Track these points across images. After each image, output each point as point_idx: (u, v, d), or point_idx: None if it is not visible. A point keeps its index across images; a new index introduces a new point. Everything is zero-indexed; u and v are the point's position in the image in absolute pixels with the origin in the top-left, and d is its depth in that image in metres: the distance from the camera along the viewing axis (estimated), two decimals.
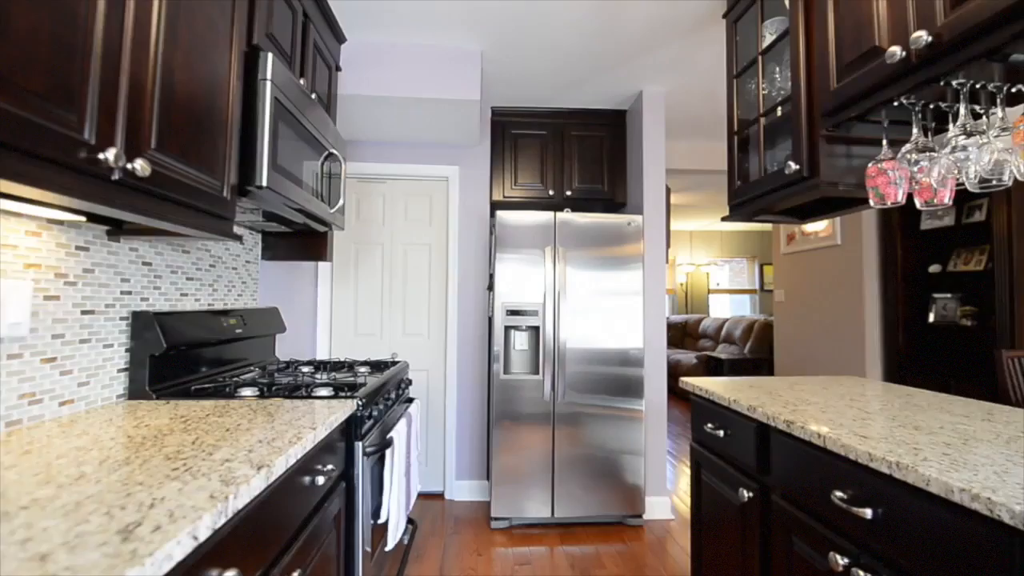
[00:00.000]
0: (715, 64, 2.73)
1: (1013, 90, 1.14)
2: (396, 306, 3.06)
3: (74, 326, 1.26)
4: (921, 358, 3.43)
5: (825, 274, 3.96)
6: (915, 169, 1.21)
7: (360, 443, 1.39)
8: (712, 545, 1.61)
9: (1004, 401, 2.50)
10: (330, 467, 1.18)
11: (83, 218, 1.19)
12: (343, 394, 1.45)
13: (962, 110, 1.11)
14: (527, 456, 2.67)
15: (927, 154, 1.18)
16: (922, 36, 1.05)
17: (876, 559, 0.95)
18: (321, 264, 2.86)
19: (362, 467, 1.39)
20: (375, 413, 1.52)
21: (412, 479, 1.85)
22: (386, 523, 1.56)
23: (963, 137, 1.10)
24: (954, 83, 1.10)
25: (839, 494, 1.02)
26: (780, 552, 1.25)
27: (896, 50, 1.11)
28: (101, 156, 0.88)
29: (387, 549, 1.56)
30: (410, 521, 2.03)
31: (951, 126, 1.15)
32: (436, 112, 2.61)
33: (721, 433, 1.54)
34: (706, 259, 8.93)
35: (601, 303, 2.75)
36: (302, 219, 1.88)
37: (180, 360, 1.54)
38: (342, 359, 2.20)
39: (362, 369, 1.93)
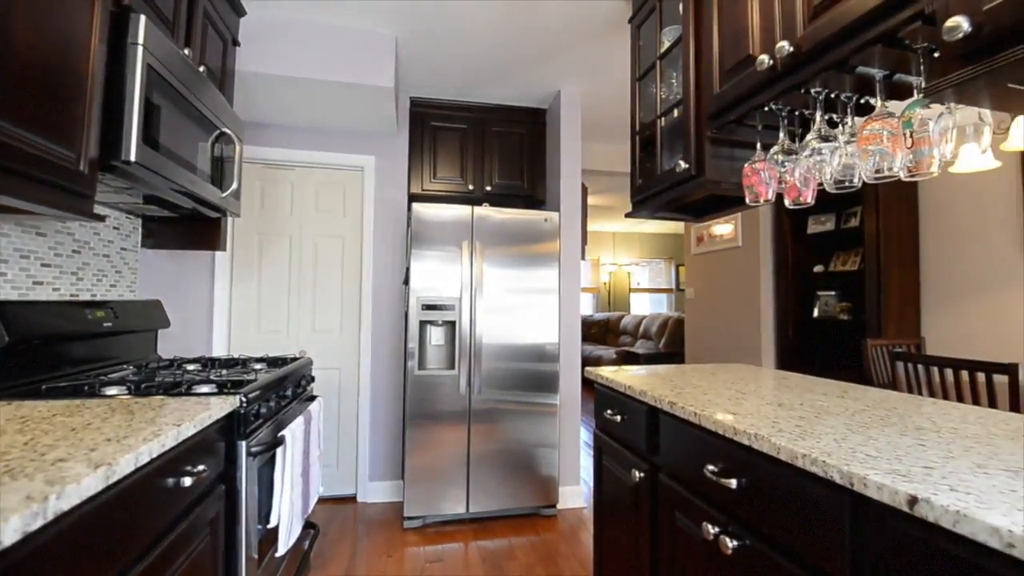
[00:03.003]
0: (628, 68, 2.85)
1: (862, 101, 1.28)
2: (305, 301, 2.91)
3: None
4: (807, 348, 3.79)
5: (729, 273, 4.27)
6: (783, 170, 1.32)
7: (244, 442, 1.29)
8: (612, 527, 1.67)
9: (868, 383, 2.82)
10: (202, 468, 1.09)
11: None
12: (227, 391, 1.35)
13: (818, 117, 1.23)
14: (442, 453, 2.64)
15: (791, 156, 1.29)
16: (785, 46, 1.15)
17: (741, 526, 1.02)
18: (219, 254, 2.65)
19: (246, 468, 1.29)
20: (264, 411, 1.42)
21: (312, 480, 1.76)
22: (277, 527, 1.46)
23: (819, 142, 1.21)
24: (812, 91, 1.21)
25: (711, 467, 1.09)
26: (666, 527, 1.31)
27: (765, 58, 1.21)
28: None
29: (278, 555, 1.47)
30: (312, 525, 1.93)
31: (811, 132, 1.27)
32: (348, 97, 2.51)
33: (619, 418, 1.60)
34: (628, 259, 9.34)
35: (518, 299, 2.77)
36: (190, 203, 1.73)
37: (29, 356, 1.35)
38: (237, 356, 2.04)
39: (257, 366, 1.80)
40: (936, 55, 1.00)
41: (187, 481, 1.03)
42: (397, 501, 2.97)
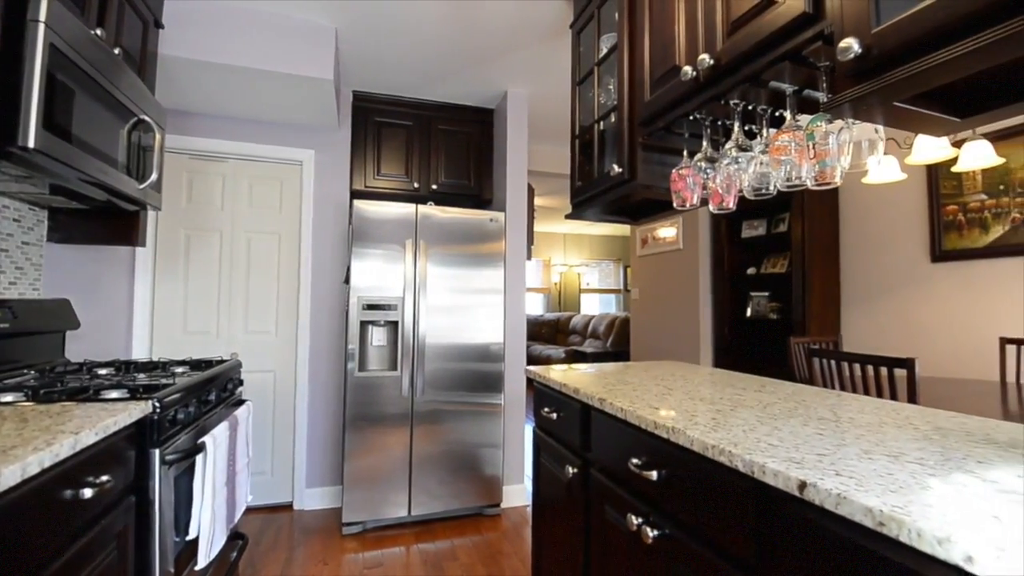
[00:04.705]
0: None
1: (777, 113, 1.36)
2: (237, 301, 2.77)
3: None
4: (742, 346, 3.99)
5: (670, 275, 4.44)
6: (706, 177, 1.39)
7: (157, 450, 1.22)
8: (549, 523, 1.70)
9: (792, 378, 3.01)
10: (106, 478, 1.01)
11: None
12: (140, 396, 1.26)
13: (736, 127, 1.30)
14: (384, 456, 2.59)
15: (714, 164, 1.36)
16: (706, 59, 1.21)
17: (662, 516, 1.07)
18: (139, 250, 2.48)
19: (159, 478, 1.22)
20: (182, 416, 1.34)
21: (239, 488, 1.68)
22: (197, 539, 1.39)
23: (737, 151, 1.28)
24: (732, 103, 1.28)
25: (635, 461, 1.13)
26: (597, 521, 1.35)
27: (688, 69, 1.27)
28: None
29: (198, 568, 1.39)
30: (240, 535, 1.85)
31: (730, 141, 1.34)
32: (284, 88, 2.42)
33: (555, 416, 1.63)
34: (578, 260, 9.51)
35: (463, 299, 2.76)
36: (103, 195, 1.61)
37: None
38: (158, 359, 1.92)
39: (179, 369, 1.70)
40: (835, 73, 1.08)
41: (87, 493, 0.96)
42: (336, 507, 2.88)
